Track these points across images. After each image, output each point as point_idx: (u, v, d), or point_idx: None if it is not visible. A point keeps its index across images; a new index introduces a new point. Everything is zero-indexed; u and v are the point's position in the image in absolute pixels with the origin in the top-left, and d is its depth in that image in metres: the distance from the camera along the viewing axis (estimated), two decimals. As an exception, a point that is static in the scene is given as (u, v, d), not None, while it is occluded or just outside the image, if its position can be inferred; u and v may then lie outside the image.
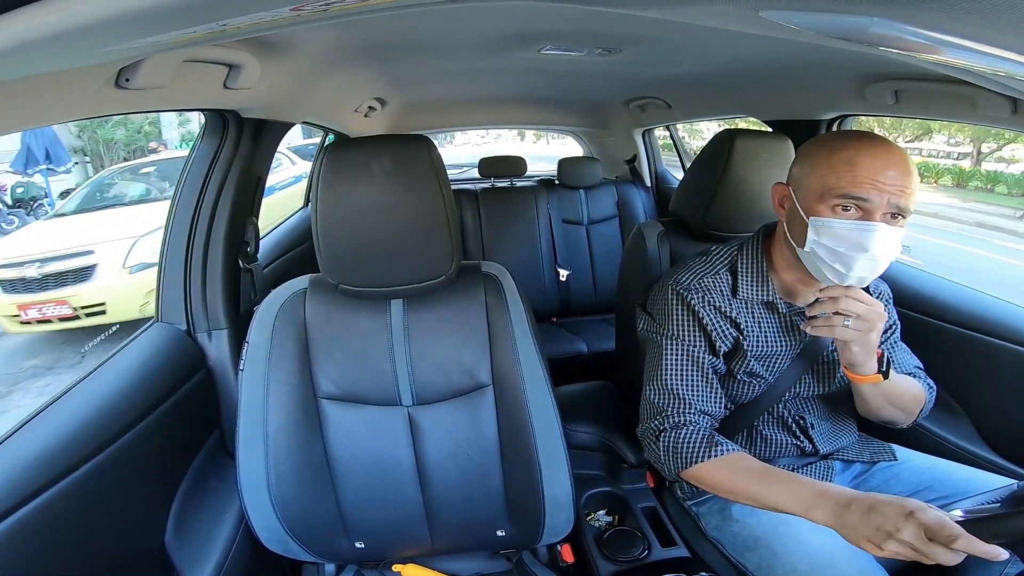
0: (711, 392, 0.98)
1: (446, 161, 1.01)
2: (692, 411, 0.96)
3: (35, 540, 0.72)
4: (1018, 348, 1.17)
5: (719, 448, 0.89)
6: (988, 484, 0.93)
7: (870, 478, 1.07)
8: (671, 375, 0.99)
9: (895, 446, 1.10)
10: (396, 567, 1.12)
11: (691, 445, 0.91)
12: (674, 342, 1.00)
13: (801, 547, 0.90)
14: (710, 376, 0.99)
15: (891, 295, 1.10)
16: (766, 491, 0.82)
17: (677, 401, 0.97)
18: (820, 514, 0.76)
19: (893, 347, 1.07)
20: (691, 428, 0.93)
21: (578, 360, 2.22)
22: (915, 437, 1.32)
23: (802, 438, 1.05)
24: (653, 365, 1.02)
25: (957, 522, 0.65)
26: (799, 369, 1.02)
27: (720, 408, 0.99)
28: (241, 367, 1.00)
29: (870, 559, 0.87)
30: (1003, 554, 0.64)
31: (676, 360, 0.99)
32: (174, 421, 1.05)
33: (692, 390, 0.98)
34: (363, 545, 1.07)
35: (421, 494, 1.05)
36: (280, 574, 1.16)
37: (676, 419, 0.95)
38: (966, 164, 14.80)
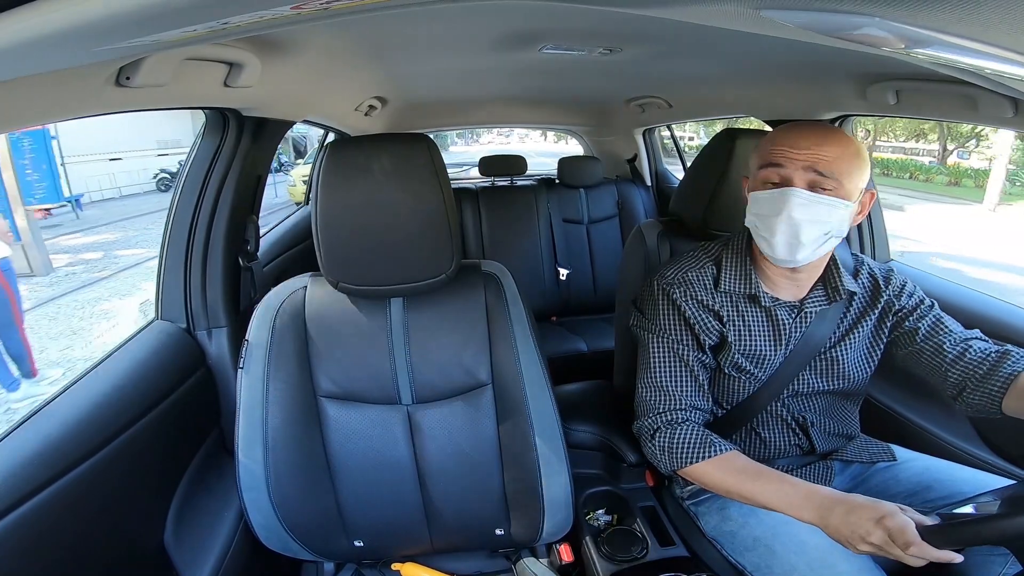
0: (698, 388, 1.00)
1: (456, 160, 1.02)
2: (682, 407, 0.98)
3: (34, 538, 0.72)
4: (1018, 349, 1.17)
5: (713, 449, 0.92)
6: (987, 484, 0.93)
7: (870, 478, 1.07)
8: (659, 372, 1.01)
9: (894, 446, 1.10)
10: (395, 566, 1.12)
11: (686, 446, 0.93)
12: (661, 339, 1.02)
13: (800, 547, 0.90)
14: (697, 372, 1.00)
15: (907, 280, 1.05)
16: (758, 491, 0.87)
17: (667, 398, 0.99)
18: (806, 514, 0.81)
19: (941, 318, 1.00)
20: (685, 427, 0.95)
21: (578, 359, 2.22)
22: (915, 437, 1.32)
23: (802, 437, 1.05)
24: (643, 362, 1.04)
25: (928, 526, 0.71)
26: (795, 366, 1.02)
27: (708, 403, 1.02)
28: (241, 365, 1.00)
29: (867, 559, 0.87)
30: (957, 558, 0.69)
31: (663, 357, 1.01)
32: (173, 419, 1.05)
33: (680, 387, 1.00)
34: (362, 544, 1.07)
35: (420, 493, 1.05)
36: (279, 573, 1.16)
37: (669, 416, 0.97)
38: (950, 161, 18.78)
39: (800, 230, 0.88)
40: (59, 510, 0.76)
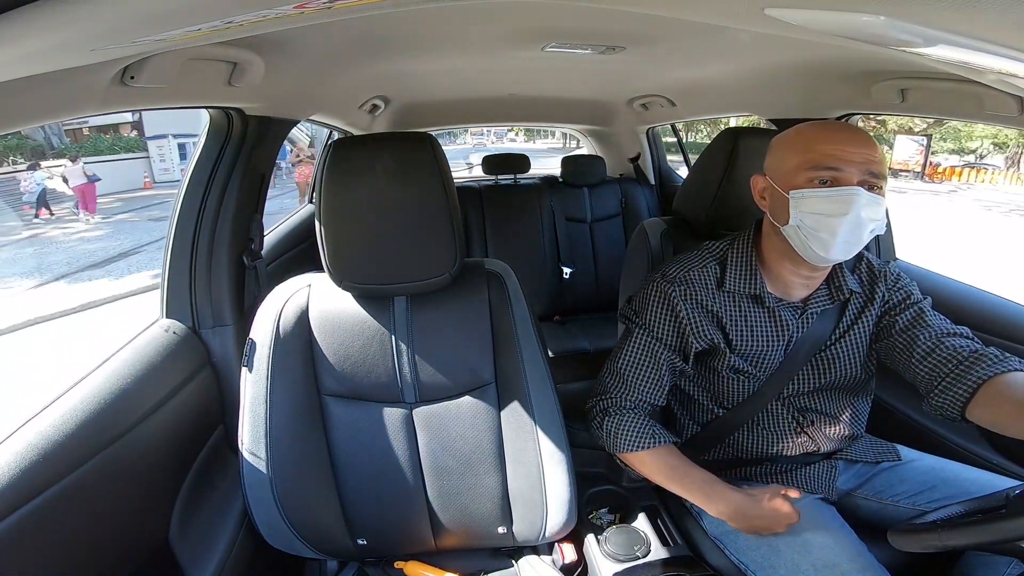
0: (659, 388, 1.04)
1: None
2: (636, 398, 1.03)
3: (40, 536, 0.72)
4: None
5: (654, 440, 1.00)
6: (992, 485, 0.93)
7: (875, 478, 1.07)
8: (628, 362, 1.04)
9: (900, 446, 1.10)
10: (398, 564, 1.12)
11: (629, 433, 1.00)
12: (642, 333, 1.04)
13: (804, 546, 0.90)
14: (663, 372, 1.03)
15: (901, 273, 1.04)
16: (683, 489, 1.00)
17: (625, 387, 1.04)
18: (718, 515, 0.96)
19: (922, 313, 0.98)
20: (633, 415, 1.02)
21: (581, 358, 2.21)
22: (920, 437, 1.32)
23: (804, 436, 1.05)
24: (617, 348, 1.08)
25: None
26: (795, 365, 1.01)
27: (662, 400, 1.06)
28: (245, 363, 1.00)
29: (872, 559, 0.87)
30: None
31: (637, 350, 1.04)
32: (178, 417, 1.06)
33: (642, 381, 1.03)
34: (365, 542, 1.07)
35: (423, 491, 1.05)
36: (282, 571, 1.16)
37: (621, 402, 1.03)
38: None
39: (864, 229, 0.88)
40: (65, 508, 0.76)
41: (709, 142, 1.31)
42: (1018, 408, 0.81)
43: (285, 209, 3.27)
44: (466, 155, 14.38)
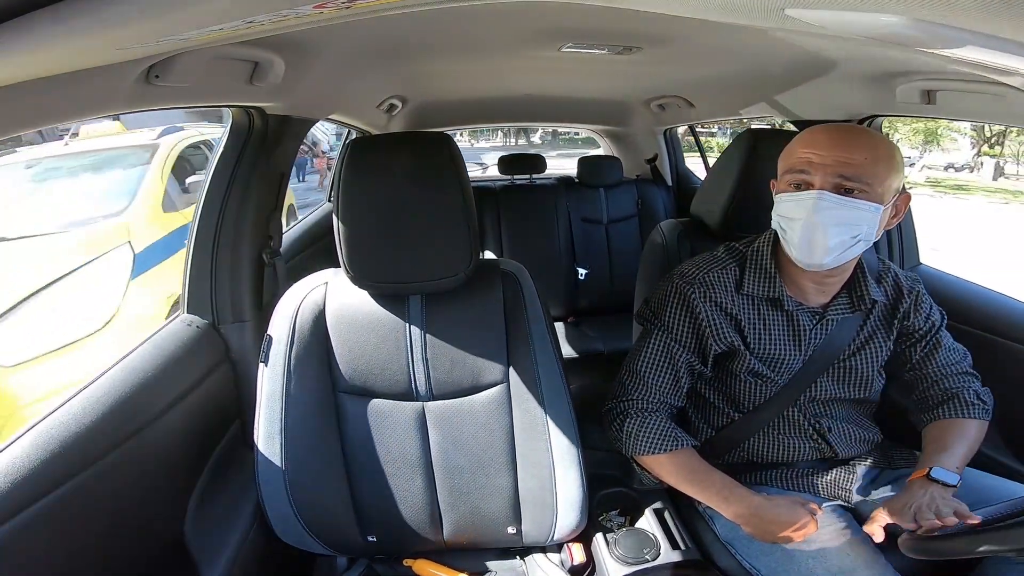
0: (677, 389, 1.03)
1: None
2: (656, 399, 1.02)
3: (59, 527, 0.74)
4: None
5: (673, 443, 0.98)
6: (1012, 492, 0.91)
7: (892, 484, 1.05)
8: (646, 362, 1.03)
9: (919, 453, 1.07)
10: (407, 562, 1.13)
11: (651, 435, 0.99)
12: (661, 333, 1.03)
13: (819, 552, 0.89)
14: (681, 374, 1.03)
15: (925, 295, 1.05)
16: (700, 493, 0.99)
17: (645, 388, 1.03)
18: (734, 519, 0.95)
19: (935, 348, 1.03)
20: (655, 418, 1.00)
21: (595, 359, 2.21)
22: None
23: (821, 442, 1.03)
24: (635, 349, 1.07)
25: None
26: (814, 372, 1.00)
27: (681, 401, 1.06)
28: (262, 359, 1.01)
29: (887, 566, 0.86)
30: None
31: (655, 350, 1.03)
32: (197, 412, 1.07)
33: (660, 382, 1.02)
34: (375, 539, 1.08)
35: (434, 490, 1.06)
36: (293, 566, 1.17)
37: (642, 404, 1.02)
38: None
39: (825, 233, 0.86)
40: (84, 499, 0.78)
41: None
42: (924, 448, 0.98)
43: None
44: (479, 155, 14.44)
